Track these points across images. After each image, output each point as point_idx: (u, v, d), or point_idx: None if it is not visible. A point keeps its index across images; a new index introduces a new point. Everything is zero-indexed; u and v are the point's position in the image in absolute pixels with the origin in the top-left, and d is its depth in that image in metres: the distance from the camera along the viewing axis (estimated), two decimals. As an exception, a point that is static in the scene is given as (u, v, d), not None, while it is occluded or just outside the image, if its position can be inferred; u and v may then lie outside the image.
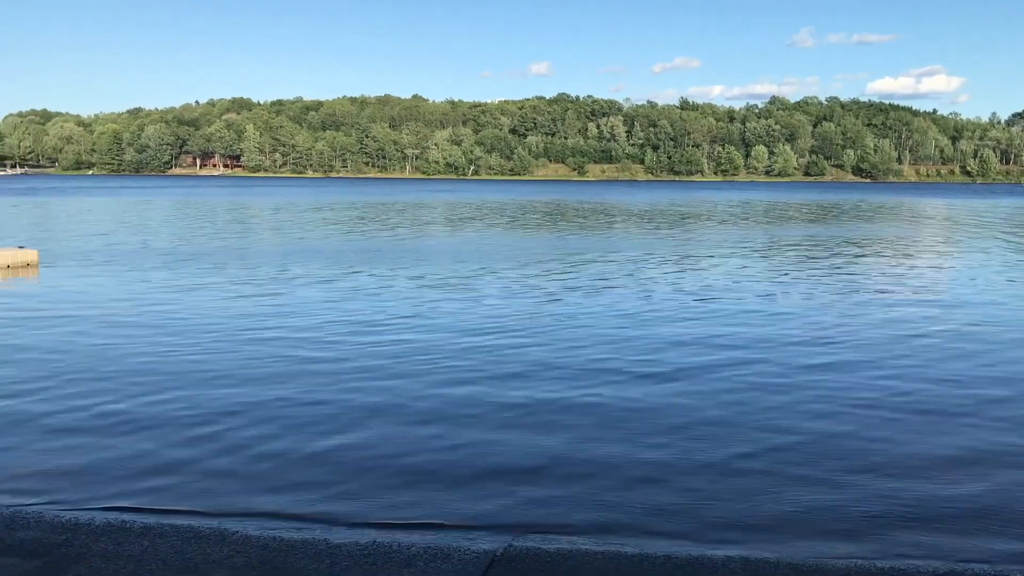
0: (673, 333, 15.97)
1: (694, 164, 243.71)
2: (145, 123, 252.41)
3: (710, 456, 9.08)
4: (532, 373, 12.66)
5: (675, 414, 10.62)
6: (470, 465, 8.75)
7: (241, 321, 16.90)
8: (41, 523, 7.00)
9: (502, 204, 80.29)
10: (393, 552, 6.52)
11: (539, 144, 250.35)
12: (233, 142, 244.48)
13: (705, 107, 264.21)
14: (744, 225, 52.35)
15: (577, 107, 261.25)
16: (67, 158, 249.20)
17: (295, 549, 6.55)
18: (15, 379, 12.09)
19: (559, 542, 6.90)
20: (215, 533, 6.84)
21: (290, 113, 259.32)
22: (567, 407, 10.89)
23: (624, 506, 7.76)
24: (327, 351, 14.11)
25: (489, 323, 16.84)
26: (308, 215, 58.53)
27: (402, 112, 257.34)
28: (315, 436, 9.63)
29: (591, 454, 9.12)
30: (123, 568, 6.11)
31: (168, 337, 15.20)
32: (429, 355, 13.80)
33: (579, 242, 37.88)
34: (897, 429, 10.12)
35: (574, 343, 14.90)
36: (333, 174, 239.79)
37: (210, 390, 11.56)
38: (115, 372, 12.53)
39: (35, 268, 25.78)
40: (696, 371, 12.90)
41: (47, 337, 15.13)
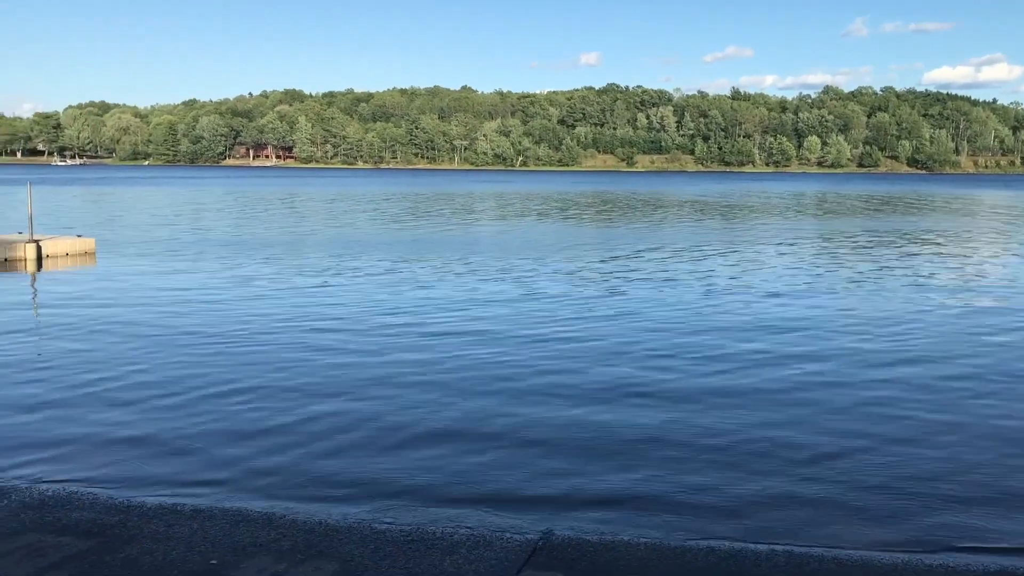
0: (736, 327, 15.82)
1: (745, 155, 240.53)
2: (200, 114, 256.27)
3: (758, 450, 9.00)
4: (587, 369, 12.66)
5: (733, 411, 10.54)
6: (530, 454, 8.79)
7: (291, 309, 17.12)
8: (95, 504, 7.19)
9: (552, 195, 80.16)
10: (436, 539, 6.59)
11: (588, 135, 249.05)
12: (285, 133, 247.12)
13: (757, 97, 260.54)
14: (800, 217, 51.61)
15: (626, 97, 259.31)
16: (124, 149, 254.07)
17: (340, 534, 6.64)
18: (74, 364, 12.40)
19: (600, 532, 6.90)
20: (263, 517, 6.96)
21: (341, 105, 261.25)
22: (623, 401, 10.87)
23: (670, 498, 7.73)
24: (375, 342, 14.24)
25: (547, 314, 16.84)
26: (364, 205, 59.00)
27: (451, 103, 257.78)
28: (363, 426, 9.74)
29: (644, 448, 9.10)
30: (173, 549, 6.26)
31: (222, 326, 15.46)
32: (492, 348, 13.86)
33: (633, 234, 37.67)
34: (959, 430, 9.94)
35: (633, 335, 14.84)
36: (383, 165, 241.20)
37: (260, 376, 11.74)
38: (167, 358, 12.78)
39: (92, 256, 26.39)
40: (758, 368, 12.78)
41: (103, 324, 15.48)
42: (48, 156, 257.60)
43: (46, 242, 25.80)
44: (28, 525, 6.67)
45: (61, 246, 26.22)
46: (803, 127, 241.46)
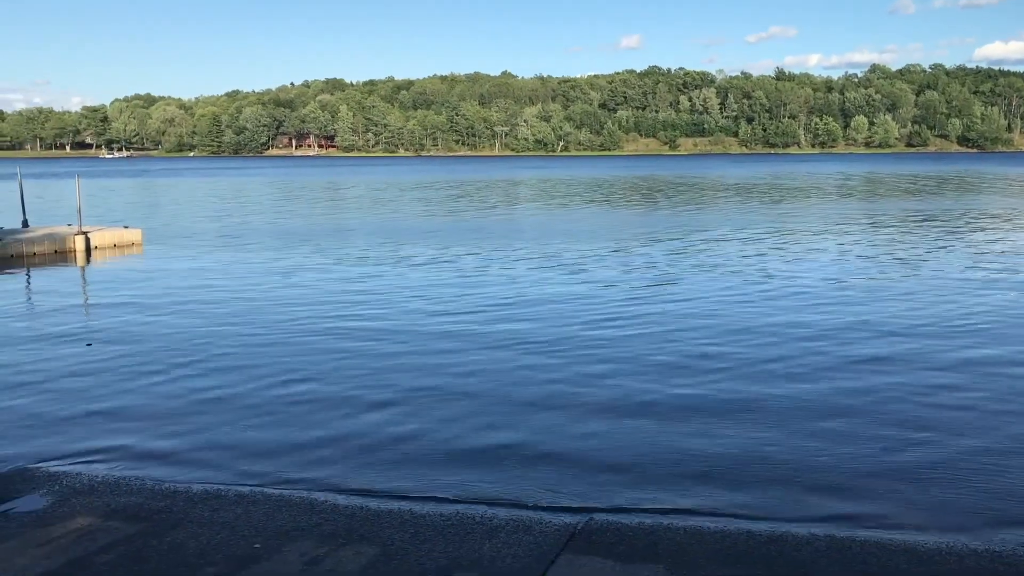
0: (794, 314, 15.65)
1: (790, 136, 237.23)
2: (243, 105, 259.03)
3: (801, 439, 8.92)
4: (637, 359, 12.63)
5: (786, 401, 10.46)
6: (575, 448, 8.81)
7: (338, 300, 17.28)
8: (142, 490, 7.34)
9: (598, 180, 79.83)
10: (476, 523, 6.63)
11: (629, 118, 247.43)
12: (327, 123, 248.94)
13: (802, 77, 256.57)
14: (859, 199, 50.81)
15: (668, 80, 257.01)
16: (170, 140, 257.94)
17: (381, 518, 6.71)
18: (119, 354, 12.65)
19: (639, 516, 6.89)
20: (304, 502, 7.06)
21: (382, 93, 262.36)
22: (666, 394, 10.83)
23: (714, 481, 7.70)
24: (425, 332, 14.33)
25: (601, 306, 16.81)
26: (411, 194, 59.23)
27: (492, 89, 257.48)
28: (406, 414, 9.82)
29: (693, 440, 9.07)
30: (218, 534, 6.37)
31: (267, 315, 15.66)
32: (531, 342, 13.88)
33: (682, 218, 37.40)
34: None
35: (685, 329, 14.75)
36: (424, 153, 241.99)
37: (303, 366, 11.89)
38: (211, 348, 12.98)
39: (139, 247, 26.86)
40: (809, 355, 12.65)
41: (150, 314, 15.76)
42: (96, 149, 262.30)
43: (94, 234, 26.31)
44: (77, 510, 6.83)
45: (109, 237, 26.72)
46: (849, 107, 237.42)
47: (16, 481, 7.53)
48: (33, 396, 10.49)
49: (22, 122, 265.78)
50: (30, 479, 7.60)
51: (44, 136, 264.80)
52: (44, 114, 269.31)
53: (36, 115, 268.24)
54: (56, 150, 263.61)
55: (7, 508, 6.87)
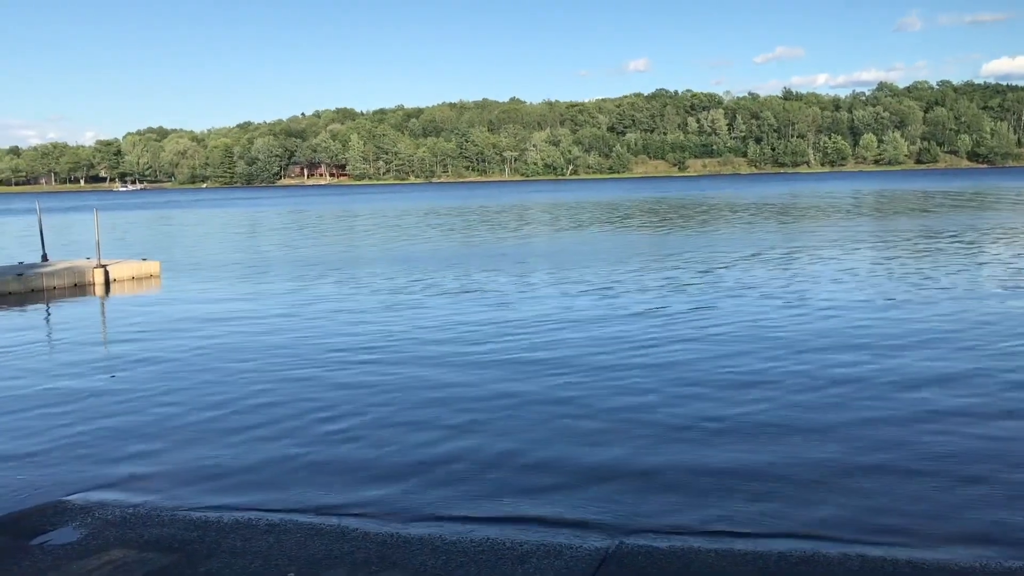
0: (831, 336, 15.66)
1: (799, 155, 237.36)
2: (254, 136, 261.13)
3: (836, 454, 8.92)
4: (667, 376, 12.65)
5: (820, 418, 10.46)
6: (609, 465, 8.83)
7: (359, 330, 17.38)
8: (175, 521, 7.40)
9: (609, 203, 79.94)
10: (507, 549, 6.66)
11: (638, 141, 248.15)
12: (338, 152, 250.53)
13: (809, 96, 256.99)
14: (876, 216, 50.74)
15: (676, 102, 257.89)
16: (183, 172, 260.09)
17: (412, 545, 6.75)
18: (142, 387, 12.75)
19: (671, 540, 6.90)
20: (336, 530, 7.10)
21: (392, 121, 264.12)
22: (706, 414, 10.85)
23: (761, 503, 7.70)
24: (453, 360, 14.39)
25: (628, 333, 16.85)
26: (428, 221, 59.45)
27: (500, 115, 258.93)
28: (435, 436, 9.86)
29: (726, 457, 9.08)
30: (251, 564, 6.42)
31: (283, 345, 15.77)
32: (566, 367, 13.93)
33: (701, 239, 37.43)
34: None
35: (726, 348, 14.77)
36: (435, 179, 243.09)
37: (326, 395, 11.96)
38: (232, 379, 13.08)
39: (157, 279, 27.07)
40: (832, 370, 12.65)
41: (172, 346, 15.88)
42: (110, 182, 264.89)
43: (113, 266, 26.53)
44: (112, 541, 6.90)
45: (127, 270, 26.94)
46: (858, 125, 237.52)
47: (50, 514, 7.61)
48: (61, 428, 10.58)
49: (37, 157, 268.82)
50: (63, 511, 7.67)
51: (59, 170, 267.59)
52: (59, 149, 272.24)
53: (51, 150, 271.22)
54: (71, 184, 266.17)
55: (43, 540, 6.94)
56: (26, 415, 11.25)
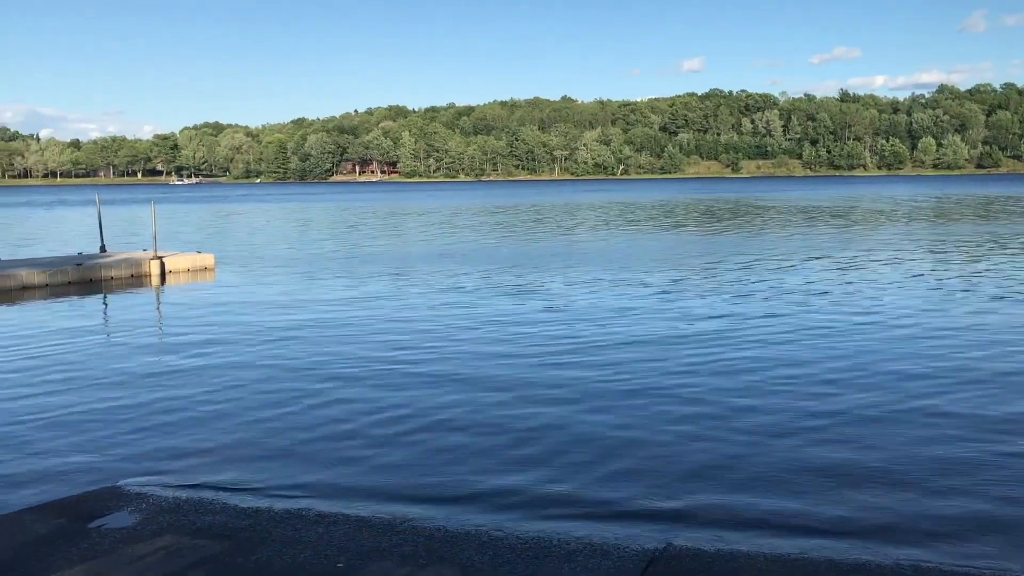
0: (903, 343, 15.41)
1: (855, 158, 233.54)
2: (308, 133, 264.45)
3: (892, 463, 8.76)
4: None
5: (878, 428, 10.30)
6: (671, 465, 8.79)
7: (414, 328, 17.49)
8: (226, 509, 7.51)
9: (663, 203, 79.47)
10: (554, 546, 6.64)
11: (690, 141, 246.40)
12: (390, 149, 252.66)
13: (867, 98, 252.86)
14: (938, 221, 49.78)
15: (730, 102, 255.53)
16: (237, 167, 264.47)
17: (460, 540, 6.77)
18: (195, 376, 12.97)
19: (719, 542, 6.83)
20: (384, 523, 7.15)
21: (443, 119, 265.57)
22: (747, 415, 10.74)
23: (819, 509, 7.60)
24: (506, 355, 14.43)
25: (695, 330, 16.76)
26: (483, 219, 59.66)
27: (551, 114, 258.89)
28: (480, 436, 9.89)
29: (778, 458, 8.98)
30: (301, 553, 6.49)
31: (349, 341, 15.92)
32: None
33: (764, 242, 37.06)
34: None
35: (776, 358, 14.63)
36: (484, 178, 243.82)
37: (380, 392, 12.06)
38: (289, 371, 13.24)
39: (212, 271, 27.51)
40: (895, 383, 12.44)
41: (227, 336, 16.13)
42: (166, 176, 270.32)
43: (169, 258, 27.03)
44: (165, 527, 7.02)
45: (182, 262, 27.43)
46: (917, 128, 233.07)
47: (106, 498, 7.77)
48: (116, 415, 10.81)
49: (97, 150, 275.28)
50: (119, 496, 7.83)
51: (117, 164, 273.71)
52: (117, 142, 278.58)
53: (110, 143, 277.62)
54: (128, 177, 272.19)
55: (99, 524, 7.09)
56: (82, 402, 11.50)
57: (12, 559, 6.38)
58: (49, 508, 7.55)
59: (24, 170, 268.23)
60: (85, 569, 6.19)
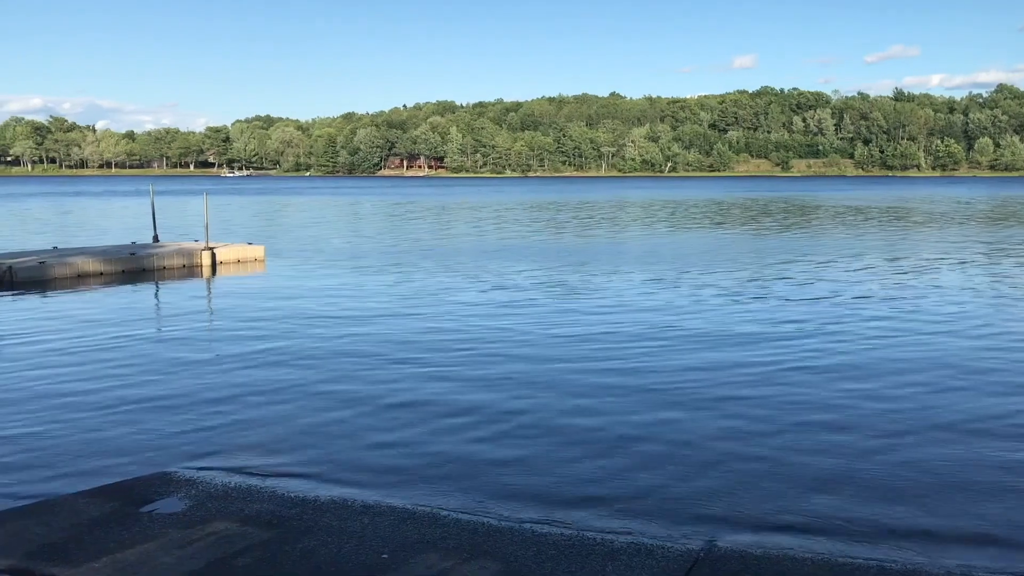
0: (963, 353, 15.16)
1: (909, 158, 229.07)
2: (357, 127, 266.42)
3: (945, 469, 8.61)
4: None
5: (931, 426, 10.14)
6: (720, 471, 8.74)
7: (457, 320, 17.56)
8: (274, 497, 7.61)
9: (715, 202, 78.80)
10: (597, 545, 6.63)
11: (740, 139, 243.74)
12: (437, 144, 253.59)
13: (922, 97, 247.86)
14: (1001, 224, 48.75)
15: (781, 100, 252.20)
16: (287, 160, 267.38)
17: (502, 535, 6.78)
18: (244, 365, 13.16)
19: (765, 545, 6.76)
20: (428, 515, 7.19)
21: (491, 115, 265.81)
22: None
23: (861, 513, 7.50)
24: (552, 350, 14.44)
25: (759, 329, 16.64)
26: (536, 215, 59.71)
27: (599, 110, 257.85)
28: (524, 431, 9.91)
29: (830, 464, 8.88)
30: (347, 543, 6.56)
31: (398, 334, 16.03)
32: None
33: (826, 242, 36.62)
34: None
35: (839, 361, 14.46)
36: (530, 174, 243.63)
37: (428, 384, 12.13)
38: (338, 362, 13.37)
39: (262, 263, 27.87)
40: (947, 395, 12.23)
41: (276, 326, 16.33)
42: (218, 168, 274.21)
43: (220, 249, 27.43)
44: (214, 514, 7.14)
45: (233, 253, 27.81)
46: (973, 128, 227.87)
47: (157, 484, 7.92)
48: (166, 402, 11.01)
49: (151, 142, 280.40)
50: (169, 482, 7.97)
51: (170, 155, 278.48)
52: (171, 134, 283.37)
53: (164, 135, 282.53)
54: (181, 168, 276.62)
55: (151, 509, 7.23)
56: (134, 388, 11.74)
57: (68, 540, 6.54)
58: (102, 492, 7.71)
59: (80, 160, 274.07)
60: (137, 552, 6.32)
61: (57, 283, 22.70)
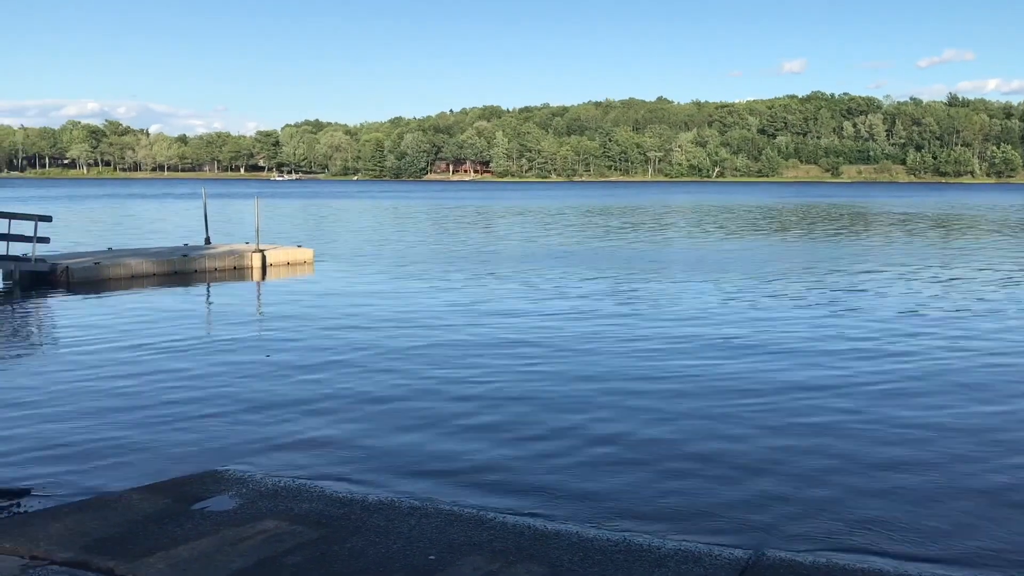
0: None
1: (963, 165, 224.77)
2: (404, 132, 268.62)
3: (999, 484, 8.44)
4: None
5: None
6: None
7: (509, 326, 17.59)
8: (322, 497, 7.69)
9: (765, 207, 78.04)
10: (644, 551, 6.59)
11: (789, 144, 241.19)
12: (483, 148, 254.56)
13: (977, 103, 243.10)
14: None
15: (831, 105, 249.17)
16: (335, 165, 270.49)
17: (549, 539, 6.78)
18: (298, 365, 13.31)
19: (815, 555, 6.68)
20: (474, 518, 7.22)
21: (537, 119, 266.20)
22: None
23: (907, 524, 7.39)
24: (605, 359, 14.42)
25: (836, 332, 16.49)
26: (587, 219, 59.69)
27: (646, 115, 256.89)
28: (570, 438, 9.91)
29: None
30: (395, 543, 6.60)
31: (446, 337, 16.12)
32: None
33: (899, 250, 36.11)
34: None
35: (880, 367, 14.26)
36: (576, 178, 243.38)
37: (472, 383, 12.18)
38: (386, 364, 13.47)
39: (311, 265, 28.20)
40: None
41: (326, 329, 16.50)
42: (268, 172, 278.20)
43: (270, 251, 27.79)
44: (265, 512, 7.23)
45: (283, 255, 28.17)
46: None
47: (208, 481, 8.04)
48: (217, 401, 11.19)
49: (202, 145, 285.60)
50: (220, 480, 8.09)
51: (221, 159, 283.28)
52: (222, 138, 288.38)
53: (215, 139, 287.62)
54: (231, 172, 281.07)
55: (202, 506, 7.35)
56: (186, 387, 11.93)
57: (123, 535, 6.67)
58: (155, 489, 7.85)
59: (134, 163, 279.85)
60: (190, 549, 6.42)
61: (111, 283, 23.17)
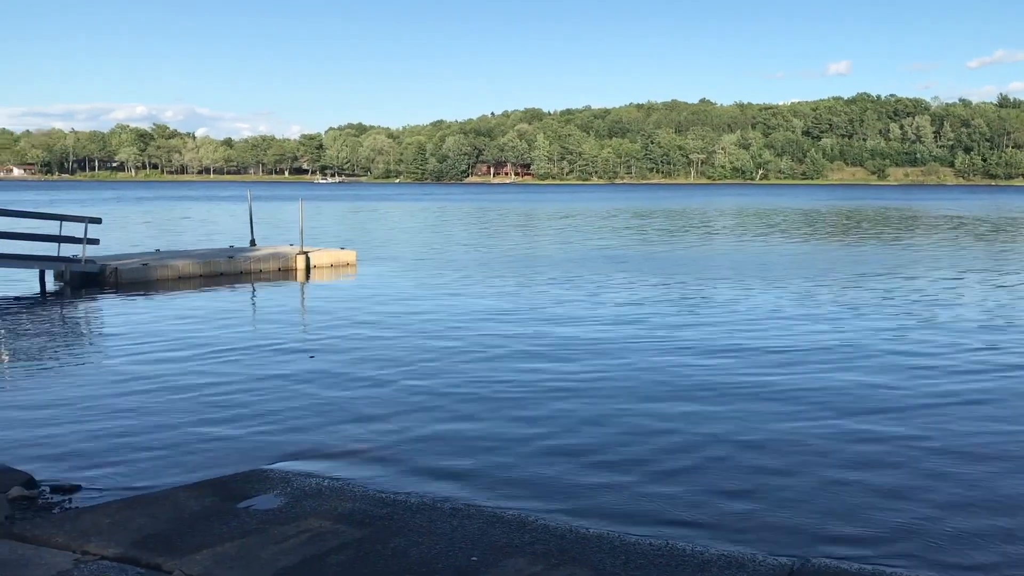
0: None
1: (1014, 167, 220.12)
2: (446, 135, 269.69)
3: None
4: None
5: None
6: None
7: (549, 331, 17.59)
8: (365, 497, 7.75)
9: (811, 211, 77.18)
10: (687, 555, 6.55)
11: (834, 146, 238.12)
12: (524, 151, 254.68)
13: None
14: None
15: (878, 107, 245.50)
16: (378, 168, 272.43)
17: (591, 542, 6.76)
18: (343, 366, 13.43)
19: (860, 562, 6.59)
20: (516, 520, 7.22)
21: (578, 122, 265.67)
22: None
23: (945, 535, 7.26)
24: (648, 368, 14.37)
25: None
26: (635, 221, 59.56)
27: (689, 117, 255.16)
28: (614, 440, 9.88)
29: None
30: (436, 544, 6.63)
31: (478, 336, 16.16)
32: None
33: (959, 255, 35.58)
34: None
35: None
36: (617, 180, 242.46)
37: (512, 385, 12.19)
38: (430, 366, 13.53)
39: (354, 267, 28.42)
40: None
41: (370, 331, 16.62)
42: (311, 174, 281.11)
43: (313, 253, 28.06)
44: (309, 511, 7.30)
45: (326, 257, 28.43)
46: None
47: (253, 480, 8.15)
48: (262, 401, 11.32)
49: (248, 148, 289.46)
50: (265, 479, 8.19)
51: (266, 161, 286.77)
52: (267, 141, 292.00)
53: (260, 142, 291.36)
54: (276, 175, 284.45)
55: (248, 505, 7.44)
56: (231, 387, 12.09)
57: (170, 533, 6.78)
58: (201, 487, 7.97)
59: (181, 166, 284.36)
60: (236, 546, 6.51)
61: (158, 284, 23.55)
